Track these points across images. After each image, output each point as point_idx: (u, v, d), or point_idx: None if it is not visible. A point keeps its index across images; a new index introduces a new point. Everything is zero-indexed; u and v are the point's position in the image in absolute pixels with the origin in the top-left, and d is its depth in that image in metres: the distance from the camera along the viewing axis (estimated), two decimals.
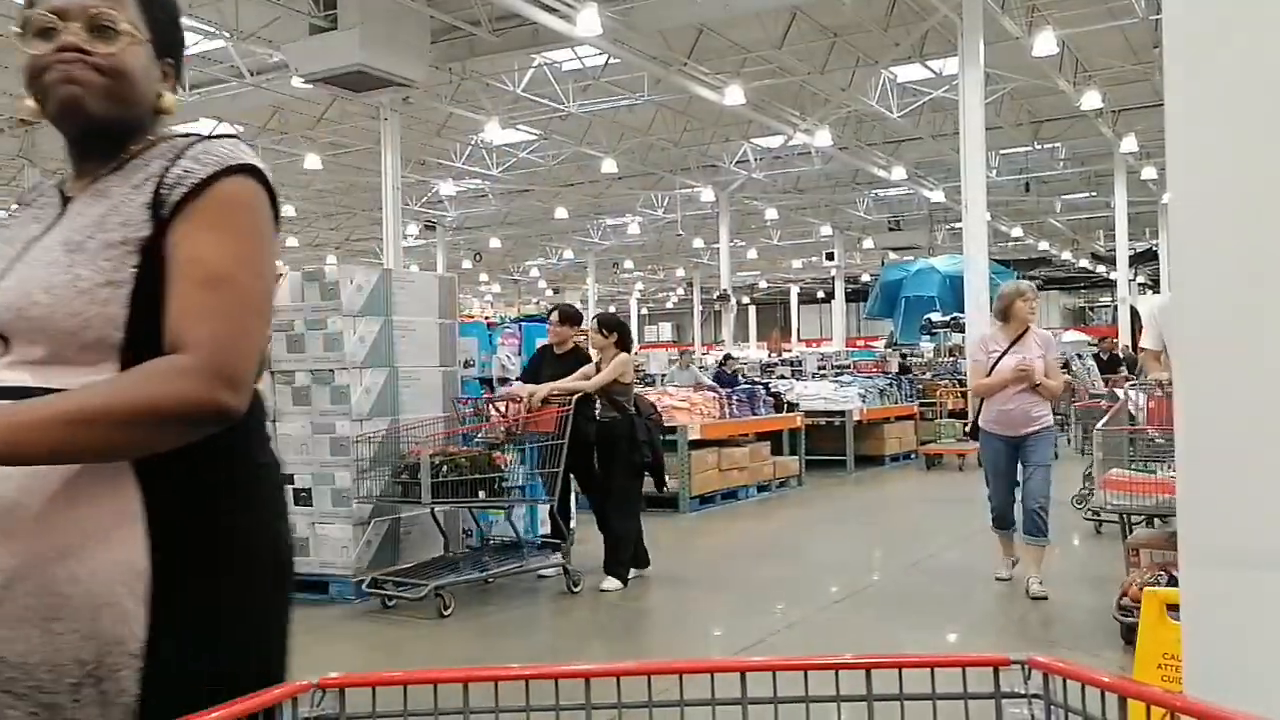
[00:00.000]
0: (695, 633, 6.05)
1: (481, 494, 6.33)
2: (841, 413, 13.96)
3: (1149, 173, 23.53)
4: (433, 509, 6.57)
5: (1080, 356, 16.04)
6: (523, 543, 7.09)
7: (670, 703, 1.65)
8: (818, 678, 1.67)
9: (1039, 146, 22.69)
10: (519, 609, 6.47)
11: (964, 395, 14.28)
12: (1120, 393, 7.76)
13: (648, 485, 7.37)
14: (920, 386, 16.91)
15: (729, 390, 12.30)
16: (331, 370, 6.75)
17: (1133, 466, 5.00)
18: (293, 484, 6.81)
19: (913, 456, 15.29)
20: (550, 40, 14.14)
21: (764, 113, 18.49)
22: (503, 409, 6.79)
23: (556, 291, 46.75)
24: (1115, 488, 4.82)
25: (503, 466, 6.46)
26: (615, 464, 6.91)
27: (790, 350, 36.69)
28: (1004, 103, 19.09)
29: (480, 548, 7.09)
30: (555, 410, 6.59)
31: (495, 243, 34.46)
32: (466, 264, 37.08)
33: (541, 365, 7.28)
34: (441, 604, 6.07)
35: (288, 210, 27.82)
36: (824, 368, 24.02)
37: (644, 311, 56.77)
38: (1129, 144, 20.84)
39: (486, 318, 12.31)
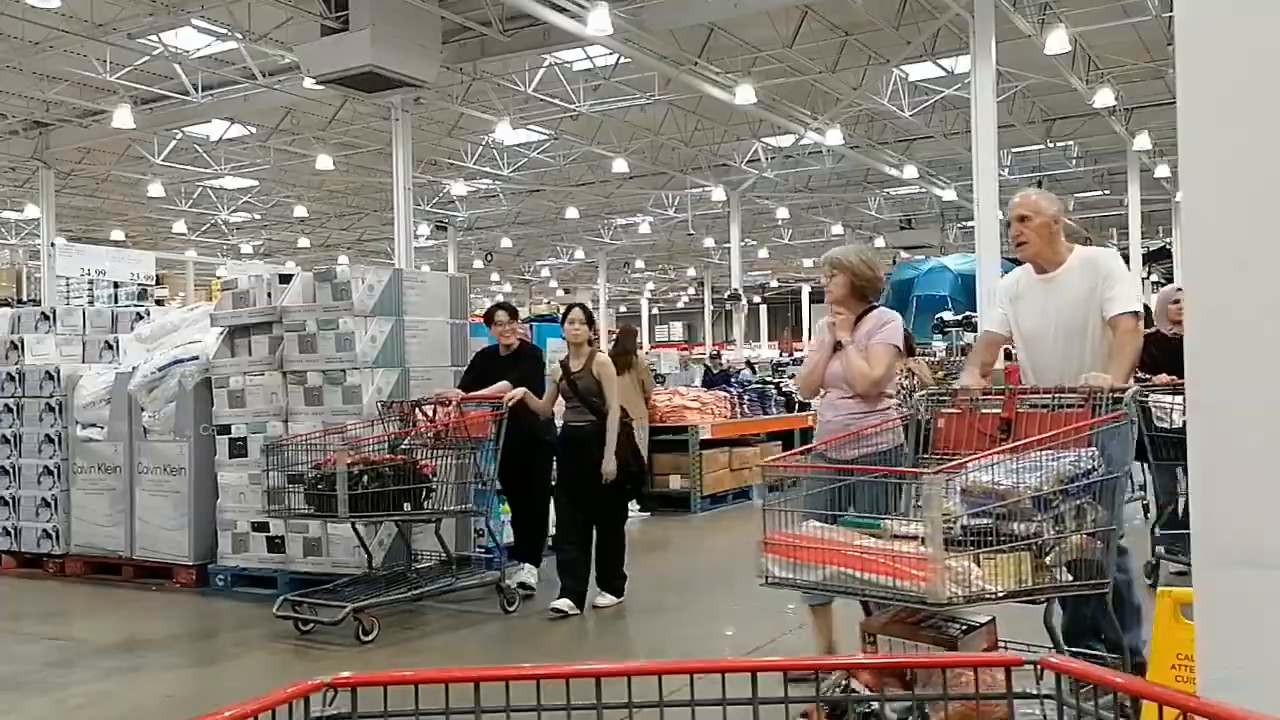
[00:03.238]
0: (706, 632, 6.04)
1: (407, 506, 5.88)
2: None
3: (1162, 170, 23.39)
4: (354, 523, 6.11)
5: None
6: (454, 559, 6.52)
7: (682, 702, 1.65)
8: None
9: (1051, 145, 22.56)
10: (527, 614, 6.47)
11: None
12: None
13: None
14: None
15: (740, 389, 12.29)
16: (343, 370, 6.76)
17: (850, 519, 3.35)
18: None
19: None
20: (561, 40, 14.13)
21: (775, 112, 18.45)
22: (430, 413, 6.27)
23: (568, 291, 46.74)
24: (778, 552, 3.24)
25: (431, 475, 5.99)
26: (591, 471, 6.23)
27: (801, 350, 36.61)
28: (1016, 101, 19.00)
29: (408, 565, 6.53)
30: (489, 414, 6.13)
31: (506, 242, 34.46)
32: (478, 264, 37.08)
33: (492, 370, 6.67)
34: (360, 628, 5.65)
35: (299, 211, 27.90)
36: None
37: (655, 311, 56.71)
38: (1142, 142, 20.71)
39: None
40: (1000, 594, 2.99)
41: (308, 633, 5.83)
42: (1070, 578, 3.16)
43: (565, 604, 6.20)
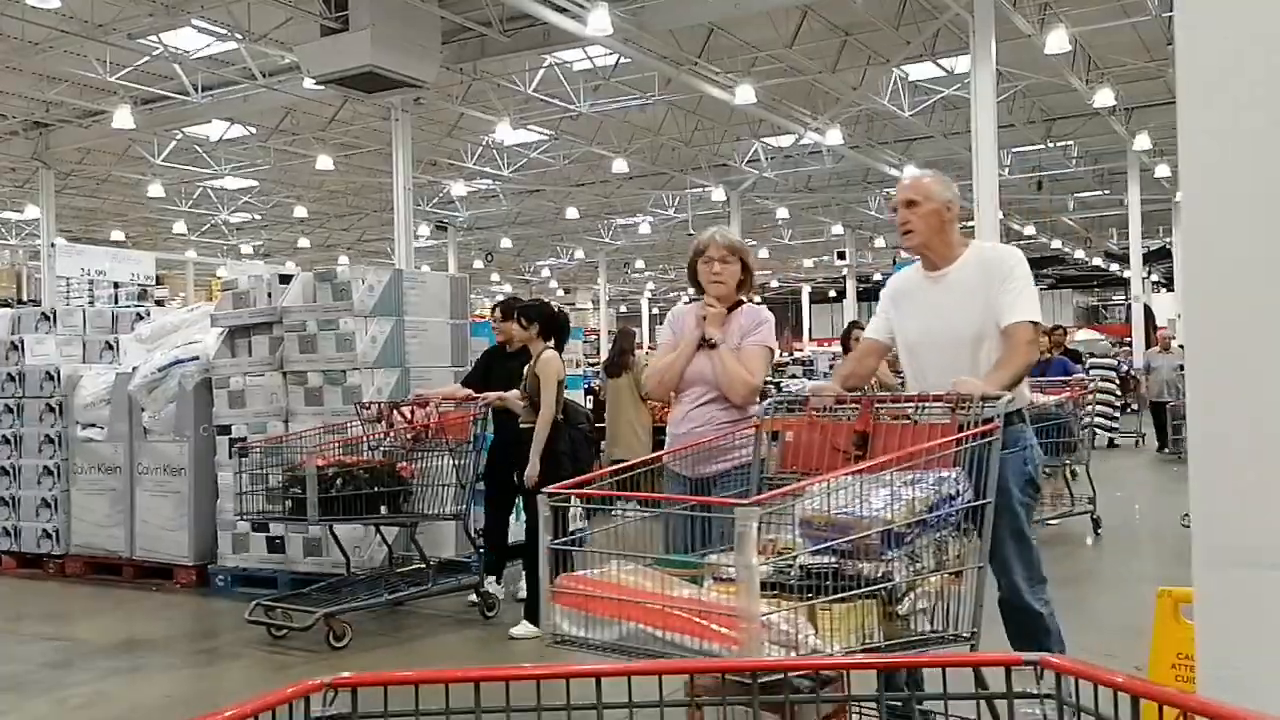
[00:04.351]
0: None
1: (383, 509, 5.76)
2: None
3: (1162, 170, 23.39)
4: (331, 527, 6.02)
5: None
6: (430, 563, 6.31)
7: (682, 702, 1.65)
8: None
9: (1051, 145, 22.55)
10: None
11: None
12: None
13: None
14: None
15: None
16: (344, 370, 6.77)
17: (668, 558, 2.82)
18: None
19: None
20: (561, 40, 14.13)
21: (775, 112, 18.44)
22: (409, 414, 6.11)
23: (568, 291, 46.76)
24: (569, 602, 2.62)
25: (409, 478, 5.89)
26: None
27: (802, 349, 36.63)
28: (1016, 101, 18.99)
29: (387, 568, 6.39)
30: (469, 415, 6.00)
31: (506, 243, 34.46)
32: (478, 264, 37.09)
33: (493, 367, 6.59)
34: (332, 634, 5.56)
35: (299, 211, 27.90)
36: (836, 367, 23.88)
37: (655, 311, 56.74)
38: (1142, 142, 20.71)
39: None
40: (837, 654, 2.41)
41: (281, 638, 5.77)
42: (929, 628, 2.64)
43: (522, 630, 5.73)
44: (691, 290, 4.17)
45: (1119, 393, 17.48)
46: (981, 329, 3.46)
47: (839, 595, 2.47)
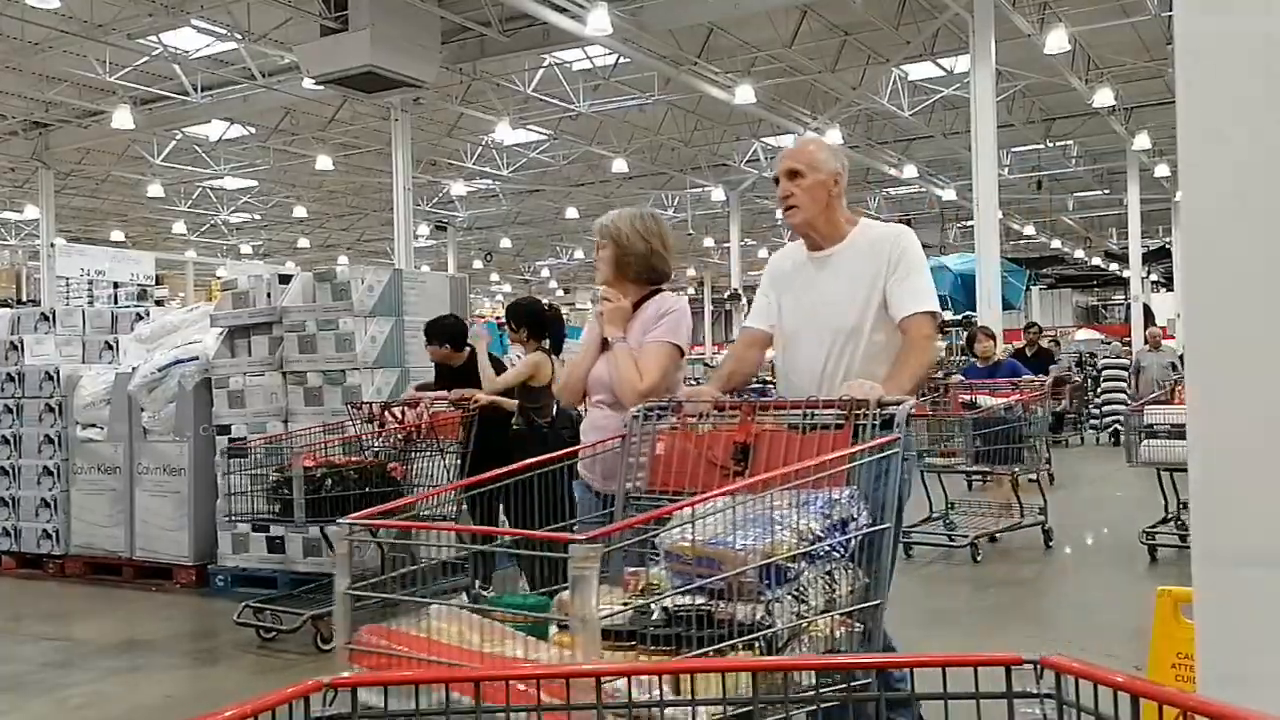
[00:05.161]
0: None
1: None
2: None
3: (1162, 170, 23.40)
4: (322, 528, 5.89)
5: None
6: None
7: (682, 701, 1.65)
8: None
9: (1051, 144, 22.58)
10: None
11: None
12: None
13: None
14: (932, 385, 16.83)
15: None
16: (343, 370, 6.77)
17: (508, 598, 2.46)
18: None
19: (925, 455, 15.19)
20: (560, 40, 14.14)
21: (775, 111, 18.45)
22: (400, 414, 5.99)
23: (567, 291, 46.76)
24: (371, 662, 2.14)
25: (400, 479, 5.78)
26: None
27: None
28: (1015, 100, 19.01)
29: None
30: (460, 415, 5.90)
31: (506, 243, 34.47)
32: (477, 264, 37.11)
33: (444, 375, 6.48)
34: (319, 636, 5.54)
35: (299, 211, 27.91)
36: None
37: None
38: (1142, 141, 20.73)
39: (498, 317, 12.31)
40: None
41: (270, 640, 5.76)
42: (817, 679, 1.98)
43: None
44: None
45: (1129, 392, 17.51)
46: (863, 319, 3.06)
47: (707, 648, 2.02)
